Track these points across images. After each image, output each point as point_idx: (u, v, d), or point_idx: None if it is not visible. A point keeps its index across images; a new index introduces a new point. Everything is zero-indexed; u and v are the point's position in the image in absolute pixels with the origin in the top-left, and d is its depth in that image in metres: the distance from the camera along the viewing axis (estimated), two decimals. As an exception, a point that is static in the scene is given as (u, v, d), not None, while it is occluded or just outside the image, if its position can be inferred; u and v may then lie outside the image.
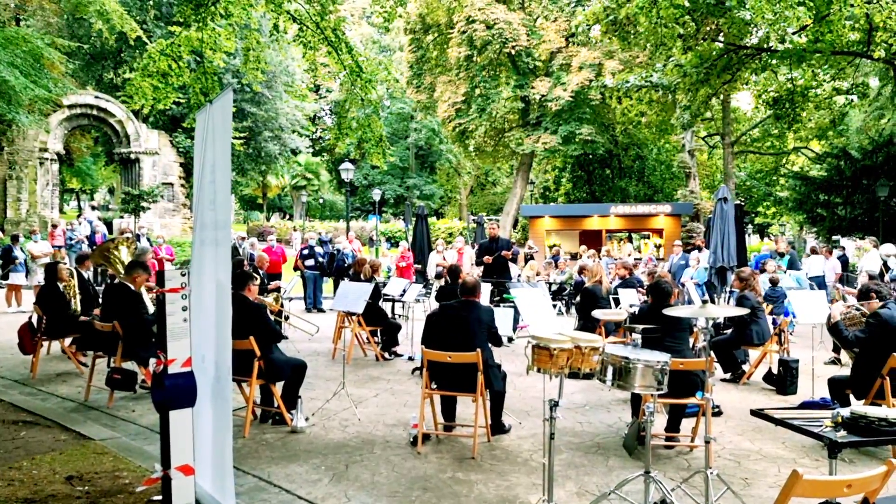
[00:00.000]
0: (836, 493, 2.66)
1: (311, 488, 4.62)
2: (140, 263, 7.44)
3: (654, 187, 34.72)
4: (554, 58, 28.68)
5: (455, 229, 38.57)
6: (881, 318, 5.58)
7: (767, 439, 5.86)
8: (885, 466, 2.52)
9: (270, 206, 57.14)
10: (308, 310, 14.56)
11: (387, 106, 44.84)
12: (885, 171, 20.87)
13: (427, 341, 5.69)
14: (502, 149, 31.38)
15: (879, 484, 2.53)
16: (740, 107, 35.31)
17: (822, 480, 2.51)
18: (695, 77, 17.22)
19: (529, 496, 4.50)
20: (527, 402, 6.99)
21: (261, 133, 31.82)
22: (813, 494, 2.59)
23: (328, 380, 7.90)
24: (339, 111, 14.43)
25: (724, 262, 13.37)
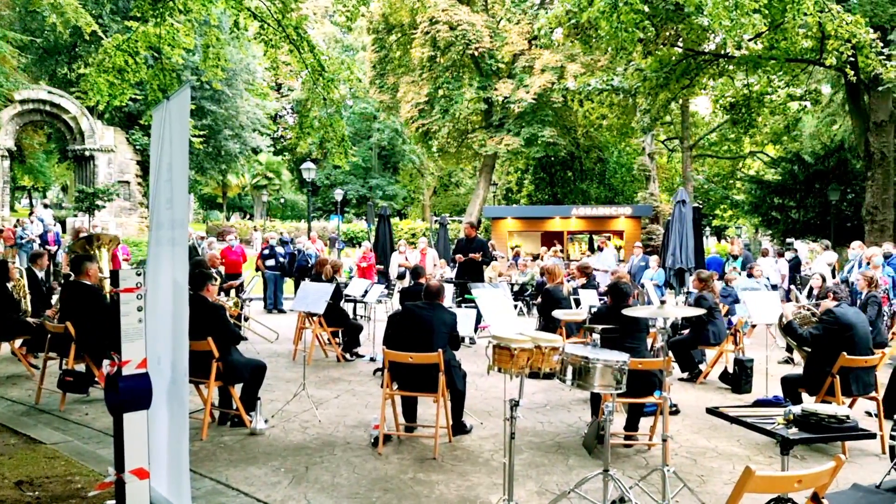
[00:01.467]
0: (787, 489, 2.72)
1: (270, 491, 4.57)
2: (88, 257, 7.23)
3: (615, 190, 35.17)
4: (517, 60, 28.85)
5: (418, 230, 38.53)
6: (835, 315, 5.75)
7: (723, 437, 5.97)
8: (834, 462, 2.59)
9: (230, 206, 56.37)
10: (268, 310, 14.39)
11: (349, 106, 44.58)
12: (837, 176, 21.48)
13: (389, 342, 5.67)
14: (465, 150, 31.45)
15: (828, 479, 2.60)
16: (698, 111, 35.97)
17: (773, 476, 2.57)
18: (654, 81, 17.49)
19: (490, 496, 4.52)
20: (488, 403, 7.02)
21: (221, 131, 31.34)
22: (765, 490, 2.65)
23: (288, 381, 7.82)
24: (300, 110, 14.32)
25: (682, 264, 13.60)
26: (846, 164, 21.73)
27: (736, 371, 7.87)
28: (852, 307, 6.10)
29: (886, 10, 14.34)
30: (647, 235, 28.38)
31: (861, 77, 14.91)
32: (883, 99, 15.96)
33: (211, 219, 51.11)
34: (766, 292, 9.29)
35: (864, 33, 12.79)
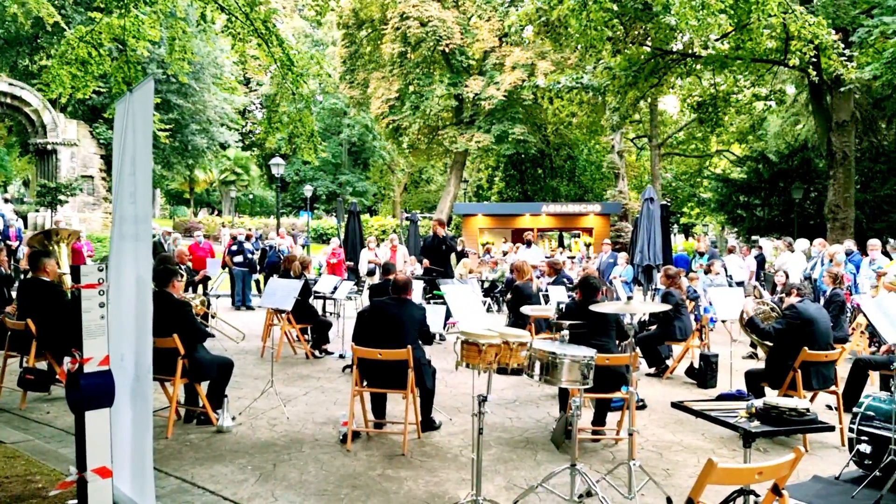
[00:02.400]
0: (748, 480, 2.77)
1: (237, 489, 4.53)
2: (45, 252, 7.09)
3: (585, 187, 35.45)
4: (487, 57, 28.91)
5: (388, 227, 38.43)
6: (797, 310, 5.86)
7: (688, 431, 6.06)
8: (794, 454, 2.64)
9: (198, 202, 55.59)
10: (236, 307, 14.24)
11: (319, 101, 44.25)
12: (800, 175, 21.88)
13: (358, 338, 5.65)
14: (436, 146, 31.42)
15: (788, 471, 2.65)
16: (667, 110, 36.39)
17: (735, 468, 2.62)
18: (623, 80, 17.64)
19: (459, 491, 4.53)
20: (457, 399, 7.03)
21: (188, 126, 30.88)
22: (727, 481, 2.69)
23: (256, 378, 7.75)
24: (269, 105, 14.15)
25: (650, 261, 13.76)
26: (809, 163, 22.15)
27: (701, 366, 7.99)
28: (814, 303, 6.22)
29: (848, 12, 14.64)
30: (615, 233, 28.65)
31: (824, 78, 15.20)
32: (845, 99, 16.30)
33: (178, 214, 50.38)
34: (730, 289, 9.43)
35: (826, 34, 13.04)
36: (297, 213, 48.35)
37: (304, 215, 42.19)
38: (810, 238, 14.08)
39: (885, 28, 12.58)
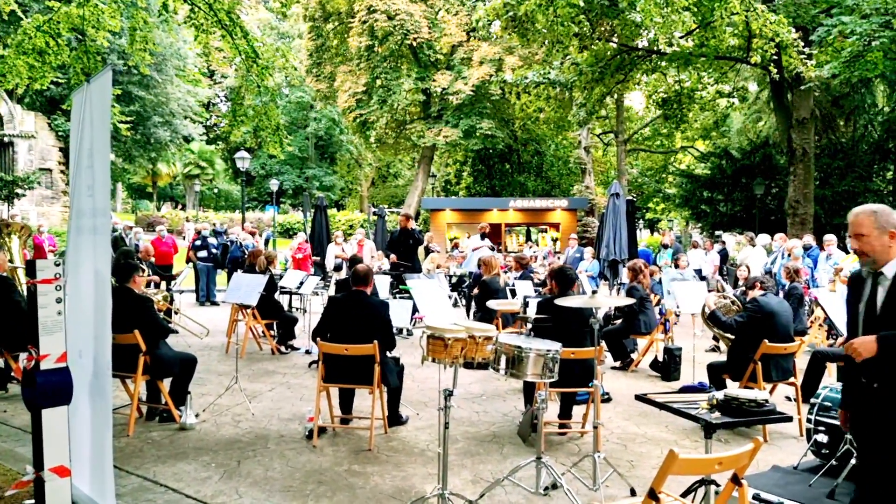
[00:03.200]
0: (709, 471, 2.81)
1: (200, 486, 4.47)
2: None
3: (552, 182, 35.65)
4: (455, 51, 28.88)
5: (356, 221, 38.24)
6: (759, 303, 5.97)
7: (652, 423, 6.14)
8: (753, 444, 2.69)
9: (161, 196, 54.68)
10: (201, 303, 14.06)
11: (285, 94, 43.78)
12: (762, 171, 22.30)
13: (322, 333, 5.61)
14: (404, 141, 31.31)
15: (747, 460, 2.69)
16: (633, 106, 36.79)
17: (696, 459, 2.65)
18: (590, 76, 17.78)
19: (425, 486, 4.53)
20: (424, 394, 7.03)
21: (150, 118, 30.31)
22: (688, 472, 2.73)
23: (221, 374, 7.66)
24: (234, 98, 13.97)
25: (616, 256, 13.92)
26: (771, 160, 22.58)
27: (665, 359, 8.11)
28: (776, 296, 6.34)
29: (808, 11, 14.93)
30: (582, 228, 28.88)
31: (784, 75, 15.50)
32: (805, 97, 16.64)
33: (140, 208, 49.47)
34: (693, 282, 9.57)
35: (787, 33, 13.29)
36: (262, 208, 47.80)
37: (270, 210, 41.75)
38: (771, 233, 14.35)
39: (843, 28, 12.85)
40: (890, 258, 2.98)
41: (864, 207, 3.06)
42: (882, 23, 12.42)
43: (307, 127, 46.15)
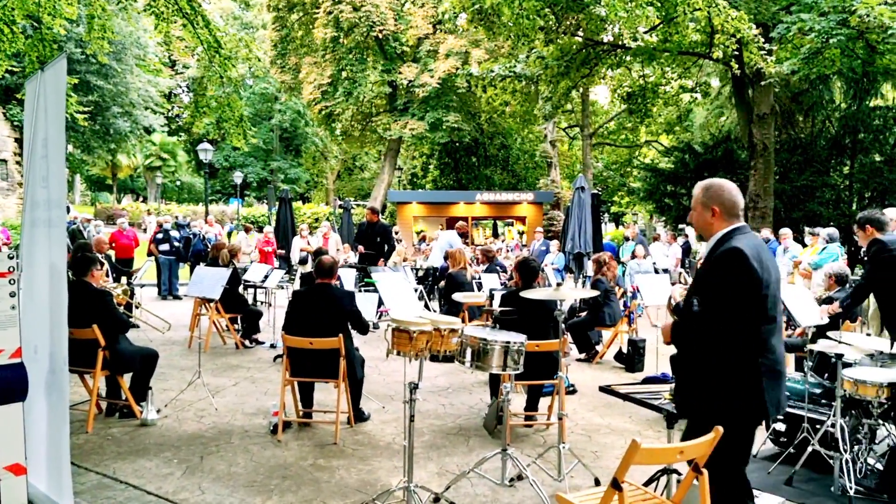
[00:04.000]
0: (670, 460, 2.85)
1: (162, 483, 4.40)
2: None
3: (518, 176, 35.77)
4: (421, 44, 28.76)
5: (321, 214, 37.95)
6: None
7: (616, 414, 6.21)
8: (713, 433, 2.73)
9: (121, 188, 53.55)
10: (163, 297, 13.83)
11: (249, 85, 43.18)
12: (724, 165, 22.62)
13: (288, 327, 5.56)
14: (370, 134, 31.12)
15: (708, 449, 2.74)
16: (598, 100, 37.06)
17: (658, 448, 2.68)
18: (556, 69, 17.84)
19: (391, 479, 4.52)
20: (390, 387, 7.01)
21: (109, 108, 29.62)
22: (651, 461, 2.77)
23: (183, 369, 7.55)
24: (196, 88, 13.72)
25: (581, 249, 14.02)
26: (732, 154, 22.91)
27: (629, 351, 8.21)
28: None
29: (769, 8, 15.18)
30: (548, 221, 29.08)
31: (745, 71, 15.74)
32: (765, 92, 16.92)
33: (100, 201, 48.45)
34: (657, 275, 9.70)
35: (747, 29, 13.50)
36: (226, 201, 47.19)
37: (235, 202, 41.23)
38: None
39: (802, 25, 13.10)
40: (711, 233, 3.10)
41: (702, 182, 3.20)
42: (839, 21, 12.69)
43: (272, 119, 45.60)
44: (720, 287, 2.93)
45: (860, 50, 13.45)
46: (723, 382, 2.91)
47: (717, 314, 2.91)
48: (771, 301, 2.94)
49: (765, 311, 2.91)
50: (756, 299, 2.89)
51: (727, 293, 2.89)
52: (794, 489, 4.39)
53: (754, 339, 2.90)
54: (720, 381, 2.91)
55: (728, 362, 2.90)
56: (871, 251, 4.46)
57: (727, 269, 2.90)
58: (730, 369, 2.90)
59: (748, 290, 2.87)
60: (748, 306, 2.88)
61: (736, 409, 2.91)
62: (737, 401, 2.90)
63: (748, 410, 2.92)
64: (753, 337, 2.90)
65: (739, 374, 2.89)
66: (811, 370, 5.01)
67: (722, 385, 2.91)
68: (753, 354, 2.90)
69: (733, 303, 2.88)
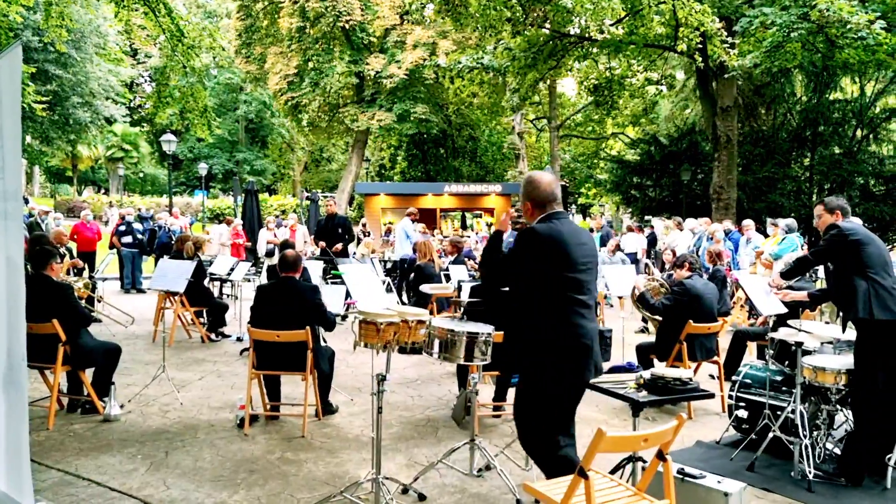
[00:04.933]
0: (635, 447, 2.89)
1: (126, 479, 4.33)
2: None
3: (486, 167, 35.88)
4: (388, 35, 28.59)
5: (288, 206, 37.64)
6: (685, 286, 6.17)
7: (583, 403, 6.14)
8: (676, 421, 2.77)
9: (82, 180, 52.39)
10: (126, 290, 13.59)
11: (213, 75, 42.52)
12: (688, 157, 22.96)
13: (254, 320, 5.50)
14: (337, 125, 30.89)
15: (671, 437, 2.78)
16: (565, 92, 37.27)
17: (622, 436, 2.72)
18: (523, 61, 17.89)
19: (359, 471, 4.51)
20: (359, 379, 6.99)
21: (68, 98, 28.92)
22: (616, 449, 2.80)
23: (147, 364, 7.43)
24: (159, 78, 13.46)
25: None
26: (697, 146, 23.25)
27: (596, 341, 8.27)
28: (702, 278, 6.55)
29: (732, 1, 15.40)
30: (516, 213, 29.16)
31: (709, 64, 15.96)
32: (728, 85, 17.18)
33: (60, 193, 47.38)
34: (622, 266, 9.81)
35: (711, 22, 13.67)
36: (191, 193, 46.52)
37: (199, 194, 40.67)
38: (697, 217, 14.81)
39: (764, 19, 13.30)
40: (531, 223, 3.34)
41: (524, 176, 3.41)
42: (800, 15, 12.92)
43: (237, 110, 45.02)
44: (511, 259, 3.26)
45: (820, 44, 13.71)
46: (528, 349, 3.21)
47: (514, 286, 3.27)
48: (575, 282, 3.18)
49: (563, 289, 3.16)
50: (547, 275, 3.16)
51: (514, 265, 3.24)
52: (756, 475, 4.48)
53: (555, 313, 3.17)
54: (527, 346, 3.22)
55: (533, 330, 3.20)
56: (828, 232, 4.56)
57: (518, 245, 3.21)
58: (533, 337, 3.20)
59: (534, 264, 3.17)
60: (538, 280, 3.17)
61: (540, 375, 3.18)
62: (540, 368, 3.17)
63: (549, 376, 3.18)
64: (554, 311, 3.17)
65: (543, 343, 3.17)
66: (772, 358, 5.11)
67: (527, 352, 3.21)
68: (555, 326, 3.17)
69: (523, 274, 3.20)
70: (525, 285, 3.23)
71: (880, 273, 4.32)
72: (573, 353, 3.19)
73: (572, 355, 3.19)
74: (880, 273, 4.32)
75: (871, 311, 4.21)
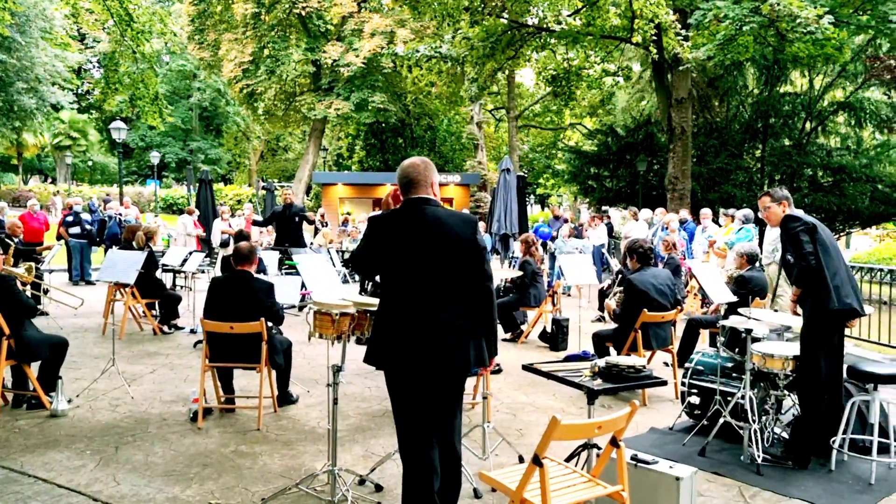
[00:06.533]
0: (589, 434, 2.92)
1: (74, 475, 4.21)
2: None
3: (445, 157, 35.81)
4: (346, 22, 28.23)
5: (244, 196, 37.08)
6: (630, 282, 6.28)
7: (540, 392, 6.32)
8: (629, 408, 2.80)
9: (28, 168, 50.72)
10: (74, 282, 13.22)
11: (165, 62, 41.55)
12: (644, 148, 23.26)
13: (208, 312, 5.40)
14: (293, 113, 30.44)
15: (625, 423, 2.81)
16: (524, 83, 37.38)
17: (576, 424, 2.74)
18: (481, 51, 17.88)
19: (316, 463, 4.47)
20: (315, 370, 6.93)
21: (12, 84, 27.90)
22: (570, 437, 2.82)
23: (97, 357, 7.25)
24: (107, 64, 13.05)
25: (507, 230, 14.17)
26: (653, 138, 23.55)
27: (553, 330, 8.36)
28: (654, 268, 6.64)
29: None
30: (475, 203, 29.27)
31: (664, 56, 16.17)
32: (683, 77, 17.43)
33: (5, 182, 45.80)
34: (579, 256, 9.90)
35: (665, 14, 13.84)
36: (143, 182, 45.46)
37: (152, 184, 39.76)
38: (653, 207, 15.01)
39: (717, 12, 13.51)
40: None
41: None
42: (752, 8, 13.15)
43: (190, 97, 44.06)
44: (359, 246, 3.37)
45: (771, 38, 13.99)
46: (375, 333, 3.28)
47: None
48: (406, 269, 3.12)
49: (400, 273, 3.14)
50: (381, 260, 3.20)
51: (363, 252, 3.32)
52: (707, 459, 4.57)
53: (394, 297, 3.18)
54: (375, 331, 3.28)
55: (379, 315, 3.25)
56: (792, 227, 4.52)
57: (372, 218, 3.29)
58: (378, 322, 3.26)
59: (370, 248, 3.24)
60: (377, 263, 3.23)
61: (384, 361, 3.22)
62: (385, 352, 3.18)
63: (388, 363, 3.21)
64: (393, 295, 3.18)
65: (383, 328, 3.21)
66: (723, 345, 5.22)
67: (376, 335, 3.26)
68: (391, 311, 3.18)
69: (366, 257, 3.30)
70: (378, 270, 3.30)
71: (840, 263, 4.42)
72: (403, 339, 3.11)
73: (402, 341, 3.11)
74: (840, 263, 4.42)
75: (834, 301, 4.30)
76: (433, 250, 3.10)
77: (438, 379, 3.12)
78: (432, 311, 3.08)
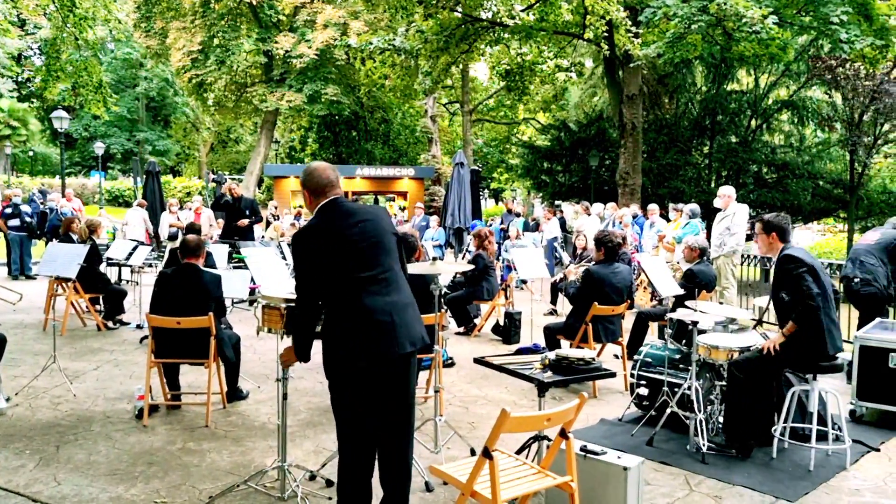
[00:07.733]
0: (539, 427, 2.94)
1: (12, 476, 4.07)
2: None
3: (399, 151, 35.69)
4: (298, 13, 27.86)
5: (193, 188, 36.35)
6: (591, 272, 6.34)
7: (493, 385, 6.35)
8: (578, 400, 2.83)
9: (-35, 159, 48.77)
10: (13, 277, 12.77)
11: (110, 50, 40.36)
12: (597, 143, 23.56)
13: (154, 307, 5.27)
14: (244, 105, 29.92)
15: (574, 415, 2.84)
16: (477, 77, 37.45)
17: (526, 416, 2.75)
18: (435, 44, 17.81)
19: (265, 459, 4.41)
20: (266, 365, 6.83)
21: (-51, 71, 26.84)
22: (520, 429, 2.83)
23: (37, 354, 7.02)
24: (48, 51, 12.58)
25: (461, 224, 14.21)
26: (605, 133, 23.87)
27: (506, 323, 8.41)
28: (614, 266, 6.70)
29: (637, -9, 15.80)
30: (429, 196, 29.23)
31: (616, 53, 16.36)
32: (634, 74, 17.67)
33: (-60, 173, 43.92)
34: (531, 249, 9.98)
35: (616, 11, 14.00)
36: (87, 174, 44.12)
37: (96, 175, 38.63)
38: (605, 202, 15.22)
39: (667, 10, 13.71)
40: (312, 212, 3.32)
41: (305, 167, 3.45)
42: (700, 7, 13.39)
43: (136, 86, 42.89)
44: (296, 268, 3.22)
45: (719, 36, 14.27)
46: (326, 332, 3.20)
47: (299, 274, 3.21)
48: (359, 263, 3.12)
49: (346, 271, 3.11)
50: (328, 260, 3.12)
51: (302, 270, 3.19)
52: (655, 449, 4.66)
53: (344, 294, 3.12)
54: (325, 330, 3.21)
55: (329, 313, 3.19)
56: (787, 267, 4.43)
57: (295, 249, 3.19)
58: (329, 319, 3.20)
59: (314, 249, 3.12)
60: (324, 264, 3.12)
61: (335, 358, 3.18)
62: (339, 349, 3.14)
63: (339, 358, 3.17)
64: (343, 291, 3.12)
65: (334, 324, 3.16)
66: (671, 337, 5.32)
67: (326, 334, 3.21)
68: (343, 307, 3.13)
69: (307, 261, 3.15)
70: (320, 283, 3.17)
71: (831, 305, 4.52)
72: (367, 331, 3.09)
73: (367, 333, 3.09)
74: (831, 305, 4.52)
75: (830, 347, 4.42)
76: (372, 236, 3.17)
77: (412, 357, 3.21)
78: (389, 294, 3.15)
